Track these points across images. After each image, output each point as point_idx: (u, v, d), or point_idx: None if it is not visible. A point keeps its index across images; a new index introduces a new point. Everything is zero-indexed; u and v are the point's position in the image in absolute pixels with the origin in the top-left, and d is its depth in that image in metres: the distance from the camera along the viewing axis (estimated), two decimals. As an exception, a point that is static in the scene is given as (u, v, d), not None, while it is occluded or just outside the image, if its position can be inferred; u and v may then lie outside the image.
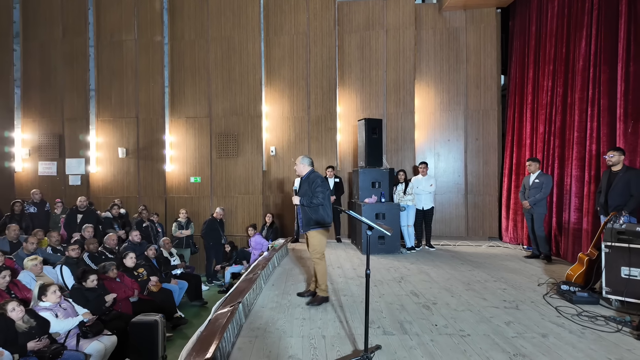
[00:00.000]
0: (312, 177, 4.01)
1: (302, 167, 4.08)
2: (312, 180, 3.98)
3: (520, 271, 5.29)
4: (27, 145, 8.90)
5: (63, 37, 8.85)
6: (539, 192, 5.77)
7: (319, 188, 3.93)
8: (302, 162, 4.08)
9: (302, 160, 4.09)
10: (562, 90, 6.23)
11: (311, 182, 3.97)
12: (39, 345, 3.50)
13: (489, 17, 7.90)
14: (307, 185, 3.98)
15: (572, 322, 3.44)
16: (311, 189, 3.93)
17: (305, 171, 4.08)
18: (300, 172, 4.10)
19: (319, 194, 3.91)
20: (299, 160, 4.12)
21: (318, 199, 3.88)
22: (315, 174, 4.10)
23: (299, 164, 4.10)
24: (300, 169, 4.09)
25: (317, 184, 3.94)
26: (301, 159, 4.09)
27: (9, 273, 4.45)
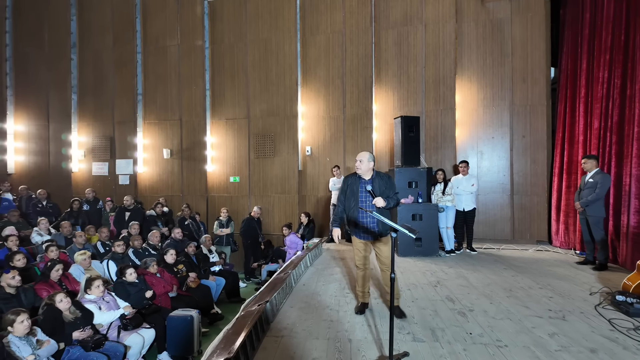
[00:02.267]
0: (384, 175, 3.67)
1: (368, 164, 3.61)
2: (386, 177, 3.64)
3: (570, 278, 4.89)
4: (82, 147, 9.57)
5: (114, 45, 9.42)
6: (592, 192, 5.29)
7: (394, 185, 3.68)
8: (368, 160, 3.59)
9: (368, 158, 3.60)
10: (620, 81, 5.68)
11: (387, 180, 3.62)
12: (83, 335, 3.73)
13: (537, 6, 7.38)
14: (383, 184, 3.59)
15: (627, 337, 3.11)
16: (389, 188, 3.58)
17: (370, 169, 3.65)
18: (363, 171, 3.61)
19: (397, 193, 3.63)
20: (364, 157, 3.61)
21: (398, 198, 3.62)
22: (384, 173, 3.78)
23: (364, 161, 3.60)
24: (366, 166, 3.60)
25: (393, 182, 3.67)
26: (368, 156, 3.60)
27: (61, 266, 4.80)
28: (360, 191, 3.60)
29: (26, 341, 3.26)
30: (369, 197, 3.52)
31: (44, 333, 3.50)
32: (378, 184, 3.57)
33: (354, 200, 3.62)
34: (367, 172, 3.62)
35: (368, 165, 3.60)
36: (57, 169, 9.62)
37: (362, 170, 3.61)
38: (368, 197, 3.55)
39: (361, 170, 3.61)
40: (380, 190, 3.54)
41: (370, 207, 3.50)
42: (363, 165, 3.60)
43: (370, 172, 3.63)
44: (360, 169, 3.61)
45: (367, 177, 3.62)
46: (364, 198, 3.58)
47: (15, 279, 4.23)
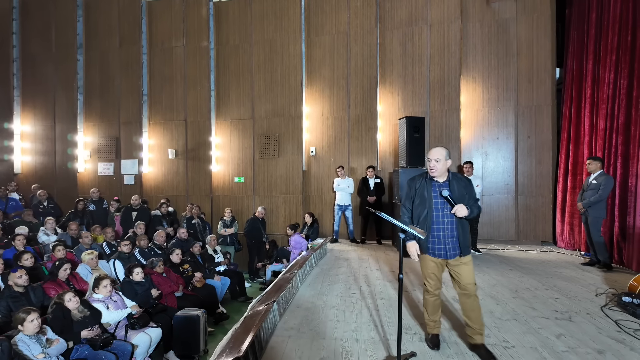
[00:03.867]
0: (462, 177, 3.03)
1: (446, 164, 2.92)
2: (465, 181, 2.99)
3: (576, 279, 4.88)
4: (88, 148, 9.62)
5: (120, 46, 9.47)
6: (596, 193, 5.28)
7: (473, 190, 3.00)
8: (446, 159, 2.91)
9: (446, 155, 2.90)
10: (626, 82, 5.67)
11: (465, 183, 2.96)
12: (91, 334, 3.76)
13: (543, 6, 7.37)
14: (462, 188, 2.91)
15: (634, 338, 3.11)
16: (469, 193, 2.92)
17: (446, 170, 2.97)
18: (440, 172, 2.93)
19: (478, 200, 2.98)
20: (441, 155, 2.89)
21: (480, 207, 3.02)
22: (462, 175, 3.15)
23: (442, 160, 2.89)
24: (443, 167, 2.91)
25: (472, 187, 3.03)
26: (445, 154, 2.90)
27: (69, 266, 4.85)
28: (435, 197, 2.93)
29: (36, 340, 3.30)
30: (446, 204, 2.89)
31: (53, 332, 3.53)
32: (457, 189, 2.90)
33: (427, 208, 2.93)
34: (444, 173, 2.96)
35: (445, 165, 2.91)
36: (63, 169, 9.68)
37: (438, 171, 2.91)
38: (445, 205, 2.89)
39: (437, 172, 2.91)
40: (460, 196, 2.88)
41: (450, 218, 2.88)
42: (440, 165, 2.89)
43: (446, 173, 2.97)
44: (436, 170, 2.91)
45: (441, 180, 2.95)
46: (441, 205, 2.91)
47: (22, 278, 4.28)
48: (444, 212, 2.90)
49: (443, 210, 2.90)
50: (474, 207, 2.87)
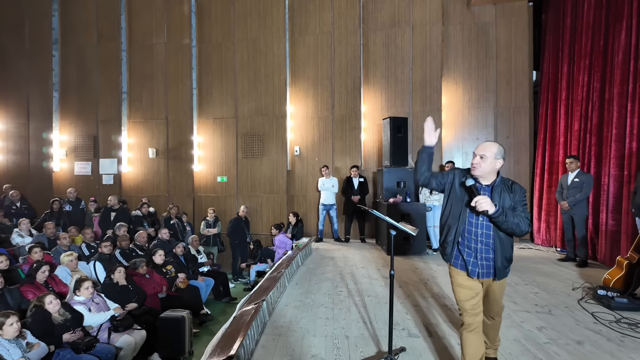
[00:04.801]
0: (515, 184, 2.36)
1: (495, 163, 2.30)
2: (518, 189, 2.32)
3: (554, 274, 5.07)
4: (64, 146, 9.32)
5: (98, 42, 9.22)
6: (579, 191, 5.49)
7: (527, 204, 2.35)
8: (496, 157, 2.29)
9: (497, 153, 2.29)
10: (599, 85, 5.92)
11: (518, 192, 2.31)
12: (73, 337, 3.66)
13: (521, 11, 7.61)
14: (511, 199, 2.29)
15: (610, 329, 3.26)
16: (519, 204, 2.29)
17: (495, 170, 2.33)
18: (484, 172, 2.31)
19: (527, 213, 2.30)
20: (489, 151, 2.29)
21: (525, 220, 2.24)
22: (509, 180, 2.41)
23: (489, 158, 2.28)
24: (490, 166, 2.29)
25: (524, 195, 2.33)
26: (497, 150, 2.30)
27: (48, 268, 4.68)
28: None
29: (16, 344, 3.18)
30: None
31: (33, 336, 3.42)
32: (501, 197, 2.28)
33: (462, 213, 2.36)
34: (490, 174, 2.33)
35: (494, 165, 2.30)
36: (38, 168, 9.35)
37: (480, 171, 2.31)
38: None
39: (479, 170, 2.31)
40: (505, 207, 2.25)
41: (486, 229, 2.31)
42: (485, 164, 2.29)
43: (494, 175, 2.35)
44: (478, 168, 2.31)
45: (486, 182, 2.35)
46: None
47: (-3, 281, 4.12)
48: (479, 221, 2.31)
49: (479, 218, 2.31)
50: (518, 219, 2.21)
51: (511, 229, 2.22)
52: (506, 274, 2.40)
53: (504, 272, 2.38)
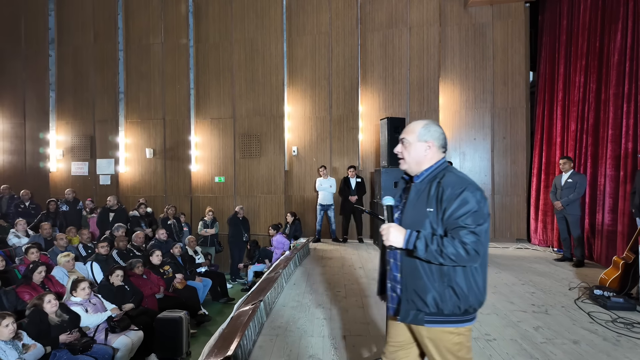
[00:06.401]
0: (453, 180, 1.61)
1: (425, 148, 1.71)
2: (448, 189, 1.59)
3: (550, 274, 5.09)
4: (61, 147, 9.29)
5: (94, 42, 9.19)
6: (573, 192, 5.52)
7: (478, 214, 1.55)
8: (425, 138, 1.70)
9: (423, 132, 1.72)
10: (595, 86, 5.95)
11: (447, 196, 1.58)
12: (70, 338, 3.64)
13: (517, 12, 7.63)
14: (432, 201, 1.62)
15: (606, 328, 3.28)
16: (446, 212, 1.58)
17: (426, 163, 1.72)
18: (407, 164, 1.75)
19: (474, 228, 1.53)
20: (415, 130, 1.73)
21: (466, 243, 1.51)
22: (458, 174, 1.66)
23: (411, 141, 1.72)
24: (415, 152, 1.72)
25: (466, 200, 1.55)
26: (420, 129, 1.72)
27: (44, 269, 4.66)
28: (398, 203, 1.83)
29: (12, 345, 3.17)
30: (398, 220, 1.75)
31: (29, 337, 3.40)
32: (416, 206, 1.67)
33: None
34: (419, 166, 1.73)
35: (421, 150, 1.71)
36: (34, 168, 9.31)
37: (407, 163, 1.76)
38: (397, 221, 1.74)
39: (405, 163, 1.76)
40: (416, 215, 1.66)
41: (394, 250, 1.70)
42: (410, 151, 1.73)
43: (426, 168, 1.72)
44: (403, 160, 1.77)
45: (419, 180, 1.73)
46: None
47: (-7, 282, 4.10)
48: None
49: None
50: (454, 246, 1.51)
51: (450, 261, 1.54)
52: (420, 319, 1.63)
53: (413, 315, 1.64)
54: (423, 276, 1.62)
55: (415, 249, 1.57)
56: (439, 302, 1.60)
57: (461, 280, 1.59)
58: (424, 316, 1.62)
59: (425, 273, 1.62)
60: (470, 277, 1.60)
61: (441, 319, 1.61)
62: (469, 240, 1.51)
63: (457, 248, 1.51)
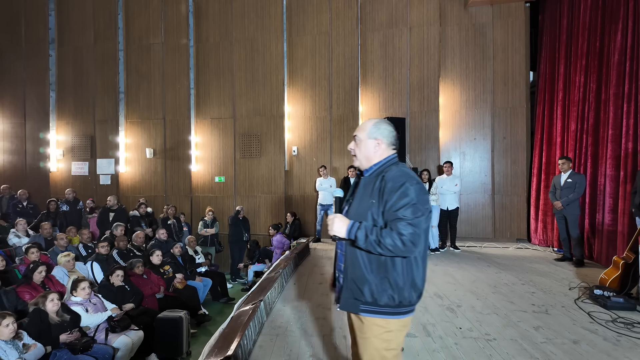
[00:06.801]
0: (395, 174, 1.68)
1: (374, 145, 1.78)
2: (390, 183, 1.65)
3: (550, 274, 5.09)
4: (61, 146, 9.29)
5: (94, 42, 9.19)
6: (572, 192, 5.52)
7: (416, 206, 1.60)
8: (375, 136, 1.78)
9: (373, 130, 1.79)
10: (595, 85, 5.95)
11: (389, 189, 1.65)
12: (70, 338, 3.64)
13: (518, 12, 7.63)
14: (375, 193, 1.69)
15: (606, 328, 3.28)
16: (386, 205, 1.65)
17: (375, 159, 1.79)
18: (359, 160, 1.84)
19: (411, 220, 1.58)
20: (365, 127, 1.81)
21: (402, 234, 1.56)
22: (402, 168, 1.73)
23: (362, 138, 1.80)
24: (365, 149, 1.80)
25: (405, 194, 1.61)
26: (371, 128, 1.79)
27: (44, 268, 4.66)
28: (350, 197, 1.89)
29: (12, 345, 3.17)
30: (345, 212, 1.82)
31: (30, 337, 3.40)
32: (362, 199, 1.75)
33: None
34: (369, 162, 1.81)
35: (371, 148, 1.79)
36: (35, 168, 9.31)
37: (358, 160, 1.85)
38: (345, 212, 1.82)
39: (356, 159, 1.86)
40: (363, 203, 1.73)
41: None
42: (361, 148, 1.82)
43: (374, 163, 1.80)
44: (355, 157, 1.86)
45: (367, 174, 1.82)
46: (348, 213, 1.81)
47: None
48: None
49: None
50: (391, 237, 1.56)
51: (388, 252, 1.58)
52: (356, 307, 1.69)
53: (351, 303, 1.71)
54: (362, 266, 1.69)
55: (356, 239, 1.63)
56: (375, 292, 1.66)
57: (398, 272, 1.65)
58: (360, 305, 1.69)
59: (364, 263, 1.69)
60: (407, 269, 1.66)
61: (375, 309, 1.67)
62: (406, 231, 1.56)
63: (394, 239, 1.56)
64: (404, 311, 1.68)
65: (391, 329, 1.67)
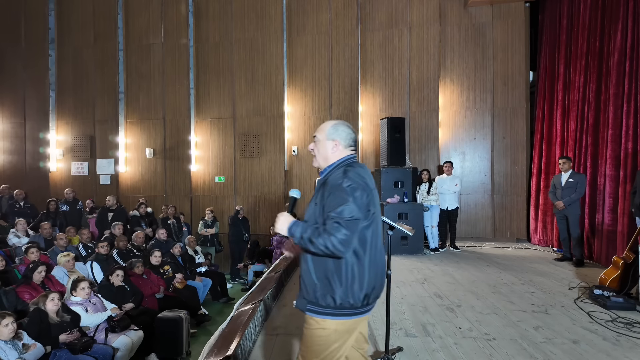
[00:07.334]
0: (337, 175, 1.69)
1: (333, 146, 1.80)
2: (331, 184, 1.67)
3: (550, 274, 5.09)
4: (61, 146, 9.30)
5: (94, 42, 9.20)
6: (574, 192, 5.52)
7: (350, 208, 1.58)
8: (332, 137, 1.81)
9: (331, 131, 1.82)
10: (595, 85, 5.95)
11: (329, 190, 1.66)
12: (70, 338, 3.64)
13: (517, 12, 7.63)
14: (324, 197, 1.67)
15: (606, 328, 3.28)
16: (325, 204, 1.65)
17: (332, 159, 1.81)
18: (318, 161, 1.87)
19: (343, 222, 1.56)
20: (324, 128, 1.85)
21: (332, 235, 1.54)
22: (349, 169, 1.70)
23: (321, 138, 1.83)
24: (324, 149, 1.82)
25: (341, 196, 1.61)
26: (330, 129, 1.83)
27: (44, 268, 4.66)
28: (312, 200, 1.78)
29: (12, 345, 3.17)
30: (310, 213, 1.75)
31: (29, 336, 3.40)
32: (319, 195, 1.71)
33: None
34: (325, 163, 1.83)
35: (328, 148, 1.81)
36: (35, 168, 9.32)
37: (316, 159, 1.88)
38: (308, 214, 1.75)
39: (315, 160, 1.89)
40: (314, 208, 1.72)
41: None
42: (319, 148, 1.85)
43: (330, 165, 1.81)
44: (314, 155, 1.89)
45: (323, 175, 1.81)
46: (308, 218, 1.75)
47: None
48: None
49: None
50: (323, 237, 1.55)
51: (321, 252, 1.58)
52: (304, 306, 1.71)
53: (301, 302, 1.74)
54: (309, 267, 1.71)
55: (293, 237, 1.64)
56: (318, 292, 1.67)
57: (336, 272, 1.65)
58: (306, 304, 1.71)
59: (311, 265, 1.71)
60: (349, 272, 1.65)
61: (317, 309, 1.68)
62: (337, 232, 1.54)
63: (325, 239, 1.55)
64: (345, 313, 1.66)
65: (326, 327, 1.66)
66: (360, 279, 1.66)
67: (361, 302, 1.67)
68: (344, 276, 1.64)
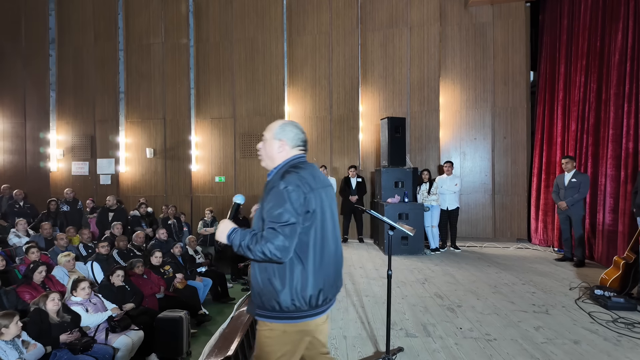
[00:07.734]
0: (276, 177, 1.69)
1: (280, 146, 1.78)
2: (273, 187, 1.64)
3: (551, 274, 5.08)
4: (61, 146, 9.29)
5: (95, 42, 9.19)
6: (577, 192, 5.52)
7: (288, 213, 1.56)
8: (279, 137, 1.78)
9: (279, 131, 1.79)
10: (596, 85, 5.95)
11: (269, 194, 1.64)
12: (70, 338, 3.64)
13: (518, 12, 7.63)
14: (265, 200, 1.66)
15: (607, 328, 3.27)
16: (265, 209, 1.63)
17: (278, 160, 1.79)
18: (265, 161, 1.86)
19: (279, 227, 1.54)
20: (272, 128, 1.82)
21: (269, 241, 1.52)
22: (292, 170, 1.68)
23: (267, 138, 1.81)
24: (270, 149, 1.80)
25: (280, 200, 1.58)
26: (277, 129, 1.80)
27: (45, 268, 4.65)
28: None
29: (12, 345, 3.17)
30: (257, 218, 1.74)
31: (30, 337, 3.40)
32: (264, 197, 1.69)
33: None
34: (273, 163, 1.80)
35: (274, 148, 1.78)
36: (35, 168, 9.31)
37: (263, 160, 1.87)
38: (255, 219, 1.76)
39: (262, 160, 1.87)
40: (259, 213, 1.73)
41: None
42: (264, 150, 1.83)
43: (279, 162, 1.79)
44: (260, 156, 1.87)
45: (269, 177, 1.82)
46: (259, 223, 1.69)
47: (-7, 282, 4.10)
48: None
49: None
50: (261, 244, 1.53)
51: (260, 258, 1.56)
52: (253, 311, 1.71)
53: (251, 307, 1.74)
54: (255, 273, 1.69)
55: (232, 245, 1.61)
56: (262, 295, 1.66)
57: (279, 276, 1.62)
58: (255, 308, 1.70)
59: (255, 268, 1.70)
60: (289, 273, 1.62)
61: (265, 312, 1.67)
62: (274, 238, 1.52)
63: (262, 246, 1.53)
64: (291, 316, 1.63)
65: (275, 329, 1.65)
66: (304, 282, 1.62)
67: (307, 304, 1.63)
68: (287, 280, 1.61)
